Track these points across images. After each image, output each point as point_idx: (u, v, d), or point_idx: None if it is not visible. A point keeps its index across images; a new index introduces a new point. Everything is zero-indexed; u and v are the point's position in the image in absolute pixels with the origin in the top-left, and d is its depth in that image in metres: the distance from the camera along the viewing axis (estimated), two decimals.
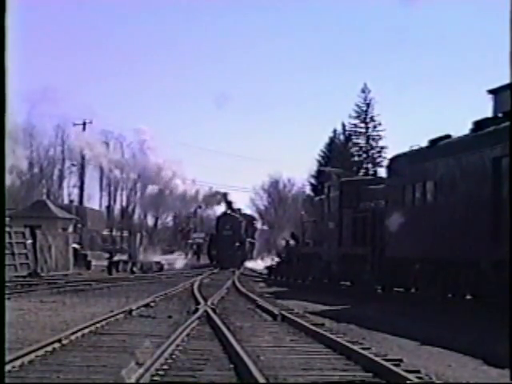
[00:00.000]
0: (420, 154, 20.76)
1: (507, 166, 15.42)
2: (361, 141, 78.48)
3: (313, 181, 78.61)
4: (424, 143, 20.84)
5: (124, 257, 49.34)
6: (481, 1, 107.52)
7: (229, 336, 11.83)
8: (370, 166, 75.82)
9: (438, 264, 19.47)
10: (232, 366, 9.50)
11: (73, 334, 11.86)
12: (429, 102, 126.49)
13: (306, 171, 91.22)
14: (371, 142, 78.11)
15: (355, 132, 78.66)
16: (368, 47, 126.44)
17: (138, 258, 50.66)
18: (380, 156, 76.41)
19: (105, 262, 45.89)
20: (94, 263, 48.36)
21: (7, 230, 32.87)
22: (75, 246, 47.09)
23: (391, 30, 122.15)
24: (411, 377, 8.30)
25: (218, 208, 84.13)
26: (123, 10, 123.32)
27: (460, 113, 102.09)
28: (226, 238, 65.10)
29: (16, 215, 51.69)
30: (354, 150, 78.39)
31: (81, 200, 62.11)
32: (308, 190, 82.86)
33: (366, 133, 78.15)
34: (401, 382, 8.24)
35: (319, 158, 79.26)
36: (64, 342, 11.07)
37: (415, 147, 21.42)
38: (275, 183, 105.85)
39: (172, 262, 60.07)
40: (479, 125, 17.99)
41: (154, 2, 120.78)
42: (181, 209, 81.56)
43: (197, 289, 26.19)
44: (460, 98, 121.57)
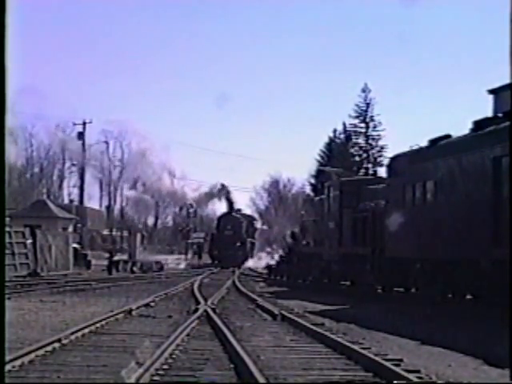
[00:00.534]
0: (420, 154, 20.75)
1: (507, 166, 15.41)
2: (361, 140, 78.50)
3: (313, 181, 78.59)
4: (424, 143, 20.85)
5: (124, 256, 49.31)
6: (481, 1, 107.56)
7: (229, 336, 11.83)
8: (370, 165, 75.79)
9: (438, 264, 19.46)
10: (232, 365, 9.50)
11: (73, 333, 11.86)
12: (429, 101, 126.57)
13: (306, 171, 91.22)
14: (371, 141, 78.12)
15: (355, 132, 78.67)
16: (368, 47, 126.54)
17: (137, 258, 50.64)
18: (380, 156, 76.41)
19: (105, 262, 45.87)
20: (94, 263, 48.36)
21: (7, 229, 32.86)
22: (75, 245, 47.06)
23: (391, 29, 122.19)
24: (411, 376, 8.30)
25: (215, 207, 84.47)
26: (124, 10, 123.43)
27: (460, 112, 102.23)
28: (228, 237, 65.77)
29: (16, 215, 51.70)
30: (354, 149, 78.38)
31: (81, 200, 62.04)
32: (308, 189, 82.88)
33: (366, 132, 78.14)
34: (401, 381, 8.24)
35: (319, 158, 79.30)
36: (64, 341, 11.07)
37: (415, 147, 21.41)
38: (275, 183, 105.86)
39: (172, 262, 60.19)
40: (479, 124, 17.98)
41: (155, 2, 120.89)
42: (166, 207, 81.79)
43: (197, 288, 26.18)
44: (460, 98, 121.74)
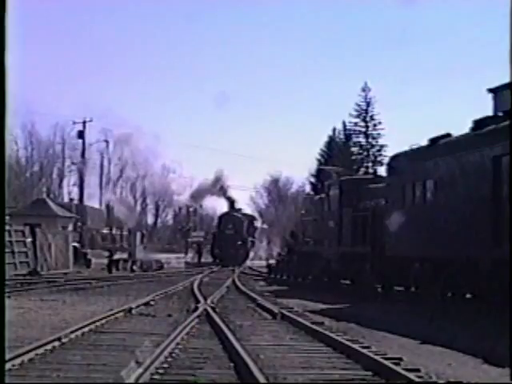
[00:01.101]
0: (420, 153, 20.74)
1: (507, 165, 15.40)
2: (361, 139, 78.57)
3: (313, 179, 78.64)
4: (424, 142, 20.84)
5: (124, 255, 49.32)
6: (481, 0, 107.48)
7: (229, 335, 11.83)
8: (370, 164, 75.83)
9: (437, 263, 19.45)
10: (232, 364, 9.51)
11: (73, 332, 11.87)
12: (429, 100, 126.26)
13: (306, 170, 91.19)
14: (371, 140, 78.17)
15: (355, 131, 78.74)
16: (368, 46, 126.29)
17: (137, 257, 50.65)
18: (380, 155, 76.47)
19: (105, 261, 45.88)
20: (93, 261, 48.34)
21: (7, 228, 32.85)
22: (75, 244, 47.06)
23: (391, 28, 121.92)
24: (411, 375, 8.30)
25: (215, 205, 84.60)
26: (124, 9, 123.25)
27: (460, 111, 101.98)
28: (229, 236, 66.61)
29: (16, 213, 51.67)
30: (354, 148, 78.43)
31: (81, 198, 62.04)
32: (308, 188, 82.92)
33: (366, 131, 78.17)
34: (401, 380, 8.24)
35: (319, 157, 79.35)
36: (64, 340, 11.08)
37: (415, 146, 21.40)
38: (275, 182, 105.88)
39: (173, 261, 60.27)
40: (479, 123, 17.96)
41: (155, 2, 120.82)
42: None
43: (197, 287, 26.18)
44: (460, 97, 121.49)
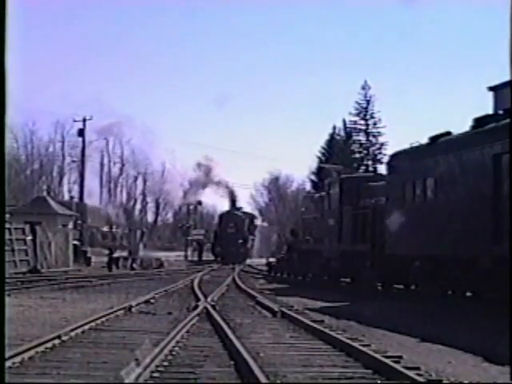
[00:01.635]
0: (420, 151, 20.73)
1: (507, 163, 15.40)
2: (361, 138, 78.54)
3: (313, 177, 78.65)
4: (424, 140, 20.83)
5: (124, 253, 49.32)
6: (481, 0, 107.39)
7: (229, 332, 11.83)
8: (370, 162, 75.84)
9: (438, 261, 19.45)
10: (232, 362, 9.51)
11: (73, 330, 11.87)
12: (429, 98, 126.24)
13: (307, 168, 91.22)
14: (371, 138, 78.17)
15: (355, 129, 78.70)
16: (368, 44, 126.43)
17: (137, 255, 50.65)
18: (380, 153, 76.46)
19: (105, 259, 45.88)
20: (93, 260, 48.36)
21: (7, 226, 32.85)
22: (75, 242, 47.06)
23: (391, 27, 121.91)
24: (411, 374, 8.30)
25: (215, 203, 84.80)
26: (125, 9, 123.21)
27: (460, 110, 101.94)
28: (230, 235, 67.43)
29: (16, 211, 51.67)
30: (355, 146, 78.41)
31: (81, 196, 62.01)
32: (308, 186, 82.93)
33: (367, 130, 78.16)
34: (401, 379, 8.24)
35: (319, 155, 79.34)
36: (64, 338, 11.07)
37: (415, 144, 21.39)
38: (275, 180, 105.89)
39: (173, 259, 60.38)
40: (479, 122, 17.97)
41: (155, 3, 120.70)
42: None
43: (197, 285, 26.19)
44: (460, 95, 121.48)
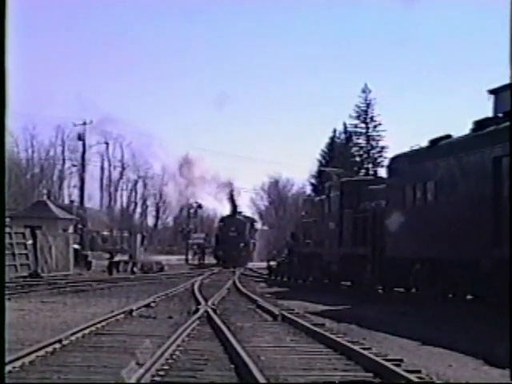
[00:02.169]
0: (420, 154, 20.74)
1: (507, 166, 15.41)
2: (361, 141, 78.55)
3: (313, 181, 78.67)
4: (424, 143, 20.84)
5: (124, 257, 49.30)
6: (481, 1, 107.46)
7: (229, 336, 11.83)
8: (370, 166, 75.78)
9: (438, 264, 19.45)
10: (233, 366, 9.51)
11: (73, 334, 11.86)
12: (429, 101, 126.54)
13: (307, 171, 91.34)
14: (372, 142, 78.16)
15: (356, 132, 78.72)
16: (368, 47, 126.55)
17: (138, 259, 50.65)
18: (380, 156, 76.45)
19: (105, 263, 45.87)
20: (94, 263, 48.35)
21: (7, 230, 32.85)
22: (76, 246, 47.05)
23: (391, 30, 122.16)
24: (412, 377, 8.30)
25: (216, 207, 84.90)
26: (124, 10, 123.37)
27: (460, 113, 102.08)
28: (232, 239, 68.08)
29: (16, 215, 51.70)
30: (355, 150, 78.42)
31: (81, 200, 62.07)
32: (308, 189, 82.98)
33: (367, 133, 78.17)
34: (402, 382, 8.23)
35: (320, 158, 79.40)
36: (64, 342, 11.07)
37: (416, 147, 21.40)
38: (275, 183, 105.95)
39: (173, 262, 60.45)
40: (480, 124, 17.97)
41: (155, 3, 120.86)
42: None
43: (197, 289, 26.18)
44: (460, 98, 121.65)
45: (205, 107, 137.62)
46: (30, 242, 36.03)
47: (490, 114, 26.18)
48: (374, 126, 77.71)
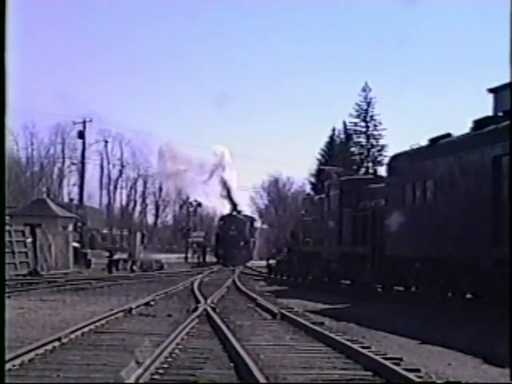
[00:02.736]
0: (420, 153, 20.73)
1: (507, 165, 15.41)
2: (361, 139, 78.52)
3: (313, 179, 78.64)
4: (424, 142, 20.84)
5: (124, 255, 49.27)
6: (481, 1, 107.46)
7: (229, 335, 11.83)
8: (370, 164, 75.76)
9: (438, 263, 19.45)
10: (232, 364, 9.51)
11: (73, 332, 11.86)
12: (429, 100, 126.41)
13: (307, 170, 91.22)
14: (371, 140, 78.13)
15: (356, 131, 78.68)
16: (368, 46, 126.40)
17: (137, 257, 50.62)
18: (380, 155, 76.42)
19: (105, 261, 45.85)
20: (93, 262, 48.30)
21: (7, 228, 32.83)
22: (75, 244, 47.00)
23: (391, 28, 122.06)
24: (411, 376, 8.30)
25: (215, 205, 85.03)
26: (124, 10, 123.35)
27: (460, 111, 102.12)
28: (233, 237, 68.83)
29: (16, 213, 51.64)
30: (355, 148, 78.39)
31: (81, 198, 62.05)
32: (308, 188, 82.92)
33: (367, 132, 78.14)
34: (401, 380, 8.23)
35: (319, 157, 79.35)
36: (64, 340, 11.07)
37: (415, 146, 21.40)
38: (275, 182, 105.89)
39: (173, 261, 60.50)
40: (479, 123, 17.97)
41: (155, 3, 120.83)
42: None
43: (197, 287, 26.17)
44: (460, 97, 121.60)
45: (204, 105, 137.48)
46: (29, 240, 36.00)
47: (489, 112, 26.21)
48: (375, 125, 77.75)
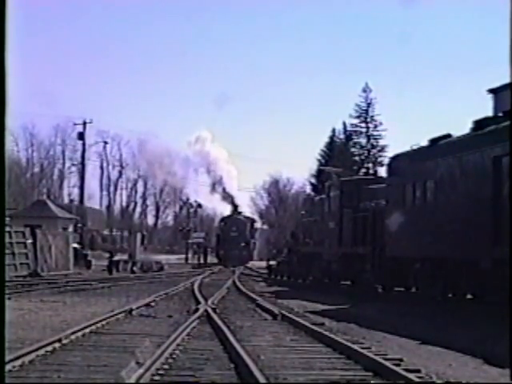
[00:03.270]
0: (420, 154, 20.74)
1: (507, 166, 15.41)
2: (361, 140, 78.52)
3: (313, 180, 78.65)
4: (424, 142, 20.85)
5: (124, 256, 49.30)
6: (481, 1, 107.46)
7: (229, 335, 11.82)
8: (370, 165, 75.74)
9: (438, 263, 19.46)
10: (232, 365, 9.50)
11: (73, 333, 11.85)
12: (429, 101, 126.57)
13: (307, 170, 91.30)
14: (372, 141, 78.12)
15: (356, 131, 78.68)
16: (369, 47, 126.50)
17: (138, 258, 50.65)
18: (381, 155, 76.41)
19: (105, 262, 45.87)
20: (94, 263, 48.35)
21: (7, 229, 32.84)
22: (75, 245, 47.03)
23: (392, 29, 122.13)
24: (411, 376, 8.29)
25: (215, 206, 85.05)
26: (124, 11, 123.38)
27: (460, 112, 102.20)
28: (233, 238, 69.90)
29: (16, 215, 51.65)
30: (355, 149, 78.39)
31: (81, 200, 62.07)
32: (308, 189, 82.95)
33: (367, 132, 78.15)
34: (401, 381, 8.23)
35: (320, 158, 79.36)
36: (64, 341, 11.06)
37: (416, 146, 21.40)
38: (275, 183, 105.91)
39: (173, 262, 60.55)
40: (479, 124, 17.97)
41: (155, 3, 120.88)
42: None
43: (197, 288, 26.16)
44: (460, 98, 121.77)
45: (204, 106, 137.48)
46: (29, 241, 36.02)
47: (489, 113, 26.22)
48: (375, 126, 77.75)
